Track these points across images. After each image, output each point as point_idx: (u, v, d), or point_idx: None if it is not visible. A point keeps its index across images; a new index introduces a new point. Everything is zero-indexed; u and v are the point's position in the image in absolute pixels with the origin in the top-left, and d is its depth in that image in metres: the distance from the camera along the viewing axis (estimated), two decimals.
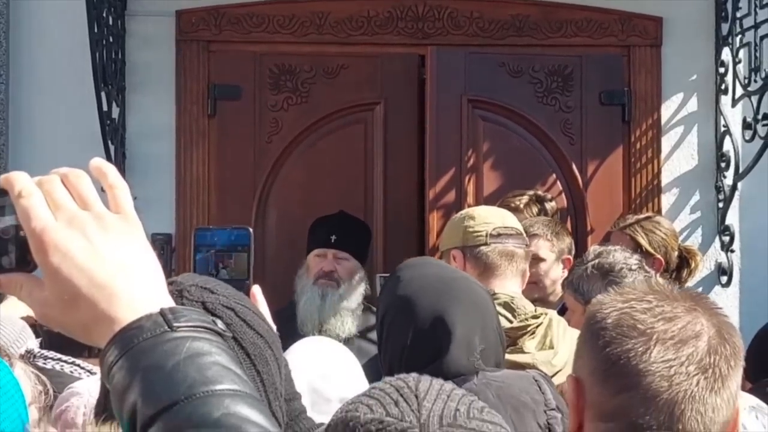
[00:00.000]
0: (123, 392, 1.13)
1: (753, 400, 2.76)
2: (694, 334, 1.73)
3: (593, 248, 3.96)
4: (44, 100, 5.15)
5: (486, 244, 3.54)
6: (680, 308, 1.76)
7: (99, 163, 1.22)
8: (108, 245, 1.17)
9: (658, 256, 4.39)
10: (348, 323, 4.44)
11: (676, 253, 4.48)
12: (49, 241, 1.15)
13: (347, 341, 4.25)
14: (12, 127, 5.15)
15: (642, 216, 4.65)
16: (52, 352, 3.19)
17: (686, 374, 1.71)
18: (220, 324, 1.18)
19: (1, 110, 5.10)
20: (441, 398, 1.41)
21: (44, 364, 3.11)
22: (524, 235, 3.70)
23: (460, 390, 1.45)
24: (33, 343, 3.31)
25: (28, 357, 3.10)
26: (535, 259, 4.38)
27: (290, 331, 4.19)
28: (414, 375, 1.47)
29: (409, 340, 2.56)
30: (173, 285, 1.74)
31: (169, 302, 1.18)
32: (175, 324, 1.14)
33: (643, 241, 4.39)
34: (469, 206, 4.72)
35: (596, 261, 3.74)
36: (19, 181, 1.18)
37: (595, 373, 1.77)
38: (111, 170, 1.22)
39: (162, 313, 1.15)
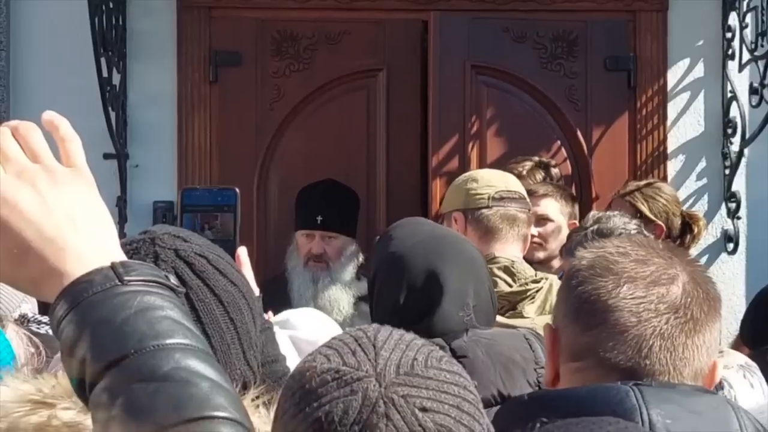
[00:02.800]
0: (72, 346, 1.11)
1: (742, 359, 2.74)
2: (668, 278, 1.74)
3: (592, 214, 3.95)
4: (45, 67, 5.14)
5: (488, 207, 3.50)
6: (656, 255, 1.76)
7: (50, 116, 1.21)
8: (58, 198, 1.15)
9: (659, 223, 4.36)
10: (343, 305, 4.40)
11: (679, 220, 4.44)
12: None
13: (343, 321, 4.24)
14: (13, 93, 5.13)
15: (643, 182, 4.61)
16: (46, 317, 3.17)
17: (655, 311, 1.71)
18: (173, 279, 1.17)
19: (2, 77, 5.09)
20: (399, 348, 1.40)
21: (38, 328, 3.09)
22: (527, 199, 3.66)
23: (421, 340, 1.44)
24: (27, 307, 3.29)
25: (22, 321, 3.08)
26: (543, 219, 4.34)
27: (284, 303, 4.19)
28: (374, 325, 1.46)
29: (402, 297, 2.57)
30: (146, 234, 1.73)
31: (120, 256, 1.16)
32: (126, 278, 1.13)
33: (644, 208, 4.36)
34: None
35: (595, 227, 3.73)
36: None
37: (568, 314, 1.78)
38: (63, 123, 1.21)
39: (113, 266, 1.14)
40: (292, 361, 2.07)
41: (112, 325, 1.10)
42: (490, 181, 3.61)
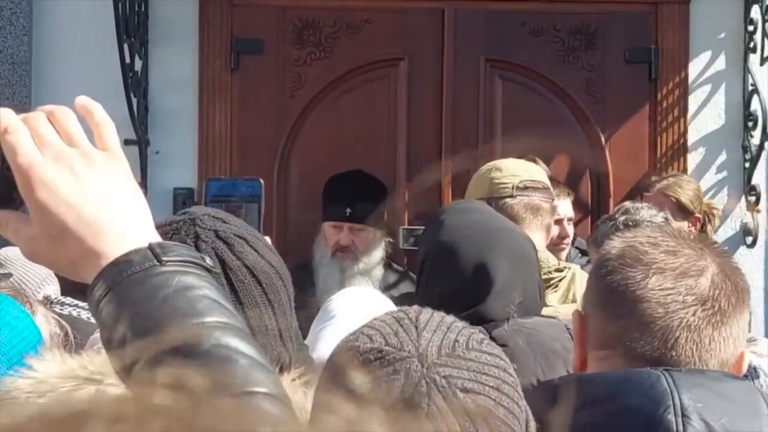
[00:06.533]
0: (112, 325, 1.12)
1: None
2: (697, 270, 1.74)
3: (620, 206, 3.95)
4: (67, 52, 5.15)
5: (512, 196, 3.50)
6: (687, 247, 1.77)
7: (84, 101, 1.22)
8: (95, 181, 1.16)
9: (698, 215, 4.37)
10: None
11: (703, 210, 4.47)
12: (36, 177, 1.14)
13: None
14: (34, 79, 5.15)
15: (671, 175, 4.59)
16: (69, 298, 3.18)
17: (683, 303, 1.72)
18: (208, 260, 1.19)
19: (24, 61, 5.10)
20: (441, 329, 1.42)
21: (61, 310, 3.11)
22: (551, 189, 3.66)
23: (461, 323, 1.45)
24: (51, 289, 3.31)
25: (45, 303, 3.10)
26: (569, 220, 4.34)
27: (306, 294, 4.20)
28: (415, 307, 1.47)
29: (449, 287, 2.55)
30: (186, 215, 1.75)
31: (156, 238, 1.18)
32: (164, 258, 1.14)
33: (684, 200, 4.37)
34: None
35: (622, 218, 3.73)
36: (5, 117, 1.16)
37: (596, 302, 1.80)
38: (97, 108, 1.22)
39: (150, 247, 1.15)
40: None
41: (152, 304, 1.11)
42: (514, 170, 3.60)
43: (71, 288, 3.16)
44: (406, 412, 1.33)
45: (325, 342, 2.38)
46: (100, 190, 1.16)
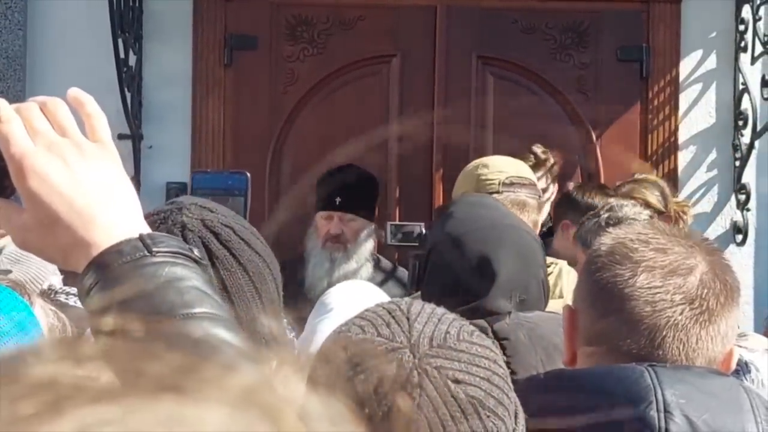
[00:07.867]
0: (101, 315, 1.14)
1: (767, 343, 2.76)
2: (686, 268, 1.74)
3: (605, 203, 3.96)
4: (62, 47, 5.15)
5: (498, 192, 3.52)
6: (677, 245, 1.77)
7: (76, 92, 1.23)
8: (86, 171, 1.17)
9: (670, 214, 4.38)
10: None
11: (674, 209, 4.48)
12: (29, 166, 1.15)
13: None
14: (29, 72, 5.15)
15: (635, 179, 4.58)
16: (74, 288, 3.19)
17: (670, 302, 1.72)
18: (196, 252, 1.21)
19: (19, 56, 5.11)
20: (432, 321, 1.43)
21: (66, 299, 3.11)
22: (537, 185, 3.68)
23: (452, 314, 1.47)
24: (56, 280, 3.31)
25: (48, 293, 3.10)
26: None
27: (293, 288, 4.21)
28: (407, 299, 1.49)
29: (451, 280, 2.56)
30: (173, 204, 1.76)
31: (146, 229, 1.19)
32: (154, 249, 1.15)
33: (653, 200, 4.37)
34: None
35: (606, 215, 3.74)
36: None
37: (585, 299, 1.80)
38: (89, 100, 1.23)
39: (141, 238, 1.16)
40: None
41: (142, 294, 1.13)
42: (501, 167, 3.62)
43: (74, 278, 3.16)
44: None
45: (322, 335, 2.39)
46: (91, 180, 1.17)
